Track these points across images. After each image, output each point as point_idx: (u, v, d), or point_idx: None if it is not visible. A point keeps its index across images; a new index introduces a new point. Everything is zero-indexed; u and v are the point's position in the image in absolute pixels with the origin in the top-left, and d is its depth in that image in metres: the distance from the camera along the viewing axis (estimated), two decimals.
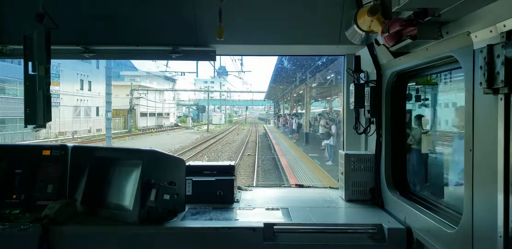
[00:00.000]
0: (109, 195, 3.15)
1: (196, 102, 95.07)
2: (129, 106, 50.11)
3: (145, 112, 59.87)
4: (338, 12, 3.49)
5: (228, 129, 62.53)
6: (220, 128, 66.90)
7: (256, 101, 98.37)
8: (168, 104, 71.99)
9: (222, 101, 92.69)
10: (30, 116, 3.01)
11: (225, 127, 68.50)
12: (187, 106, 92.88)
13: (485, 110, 1.94)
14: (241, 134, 47.86)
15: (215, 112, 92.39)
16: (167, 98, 72.03)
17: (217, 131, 53.73)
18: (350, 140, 4.13)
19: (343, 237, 2.90)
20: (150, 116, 62.95)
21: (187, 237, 2.89)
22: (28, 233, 2.79)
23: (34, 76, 3.00)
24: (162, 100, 67.58)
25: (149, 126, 59.29)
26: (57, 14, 3.11)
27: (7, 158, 3.37)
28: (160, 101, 65.02)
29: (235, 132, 51.90)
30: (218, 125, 76.75)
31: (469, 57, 2.03)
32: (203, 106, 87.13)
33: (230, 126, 77.01)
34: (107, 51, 3.77)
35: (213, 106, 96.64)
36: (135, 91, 52.85)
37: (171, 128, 63.26)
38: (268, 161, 22.93)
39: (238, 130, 60.65)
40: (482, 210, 2.00)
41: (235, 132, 52.86)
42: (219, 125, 75.99)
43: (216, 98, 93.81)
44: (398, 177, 3.38)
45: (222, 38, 3.05)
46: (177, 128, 63.41)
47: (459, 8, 1.94)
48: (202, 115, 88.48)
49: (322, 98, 40.79)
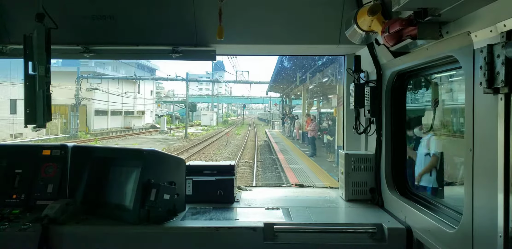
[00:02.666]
0: (109, 195, 3.15)
1: (184, 99, 78.72)
2: (75, 100, 36.41)
3: (105, 109, 44.43)
4: (338, 12, 3.49)
5: (218, 133, 46.85)
6: (208, 131, 50.69)
7: (256, 98, 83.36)
8: (144, 100, 56.25)
9: (216, 98, 77.28)
10: (30, 116, 3.02)
11: (215, 130, 53.29)
12: (166, 103, 74.74)
13: (485, 110, 1.94)
14: (231, 144, 31.75)
15: (205, 111, 75.59)
16: (145, 93, 56.52)
17: (201, 137, 38.67)
18: (350, 140, 4.13)
19: (343, 237, 2.90)
20: (113, 115, 47.49)
21: (187, 237, 2.89)
22: (28, 233, 2.79)
23: (34, 76, 3.00)
24: (134, 95, 51.18)
25: (111, 127, 45.13)
26: (57, 14, 3.11)
27: (7, 158, 3.37)
28: (126, 95, 48.44)
29: (224, 140, 34.91)
30: (209, 126, 61.68)
31: (469, 57, 2.03)
32: (193, 104, 68.02)
33: (224, 127, 62.84)
34: (107, 51, 3.77)
35: (206, 105, 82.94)
36: (84, 80, 38.06)
37: (145, 130, 48.88)
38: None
39: (231, 136, 42.21)
40: (482, 210, 2.00)
41: (223, 139, 36.03)
42: (210, 127, 60.79)
43: (216, 96, 79.58)
44: (398, 177, 3.38)
45: (222, 38, 3.05)
46: (153, 130, 48.90)
47: (459, 8, 1.94)
48: (193, 115, 73.62)
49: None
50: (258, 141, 34.59)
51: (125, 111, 51.30)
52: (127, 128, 47.83)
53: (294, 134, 33.56)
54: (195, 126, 63.84)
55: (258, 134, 45.37)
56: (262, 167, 20.06)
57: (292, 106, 45.63)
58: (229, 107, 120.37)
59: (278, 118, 56.93)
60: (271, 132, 44.01)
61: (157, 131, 47.43)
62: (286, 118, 41.19)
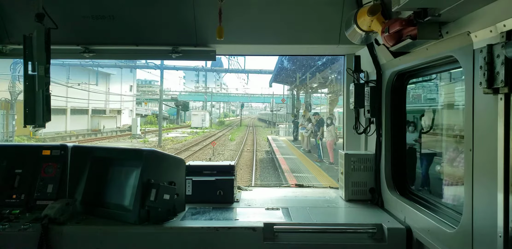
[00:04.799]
0: (109, 195, 3.15)
1: (176, 97, 65.28)
2: (10, 94, 27.38)
3: (62, 107, 35.86)
4: (338, 12, 3.49)
5: (207, 137, 36.60)
6: (196, 136, 38.93)
7: (255, 97, 72.43)
8: (121, 97, 45.85)
9: (211, 96, 66.78)
10: (30, 116, 3.01)
11: (205, 134, 42.51)
12: (149, 100, 62.76)
13: (485, 110, 1.94)
14: (219, 158, 22.91)
15: (195, 110, 64.56)
16: (121, 89, 45.96)
17: (181, 145, 29.63)
18: (350, 140, 4.13)
19: (343, 237, 2.90)
20: (76, 115, 38.89)
21: (187, 237, 2.89)
22: (28, 233, 2.79)
23: (33, 76, 3.00)
24: (107, 90, 41.15)
25: (72, 130, 36.91)
26: (57, 14, 3.11)
27: (7, 158, 3.37)
28: (96, 90, 38.89)
29: (212, 149, 25.89)
30: (200, 128, 51.09)
31: (469, 57, 2.03)
32: (185, 102, 63.48)
33: (218, 130, 52.83)
34: (107, 51, 3.77)
35: (202, 104, 72.42)
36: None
37: (117, 134, 40.34)
38: None
39: (223, 142, 32.99)
40: (482, 210, 2.00)
41: (211, 148, 26.34)
42: (201, 129, 50.31)
43: (210, 92, 68.91)
44: (398, 177, 3.38)
45: (222, 38, 3.05)
46: (124, 134, 39.90)
47: (459, 8, 1.94)
48: (185, 115, 65.34)
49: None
50: (257, 151, 25.43)
51: (94, 110, 41.99)
52: (94, 131, 38.60)
53: (321, 151, 20.32)
54: (184, 128, 54.70)
55: (258, 139, 35.51)
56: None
57: (308, 104, 30.19)
58: (228, 107, 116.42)
59: (283, 120, 45.79)
60: (276, 141, 29.91)
61: (130, 134, 37.80)
62: (303, 121, 26.56)
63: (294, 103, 33.04)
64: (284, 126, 40.33)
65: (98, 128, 40.98)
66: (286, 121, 40.34)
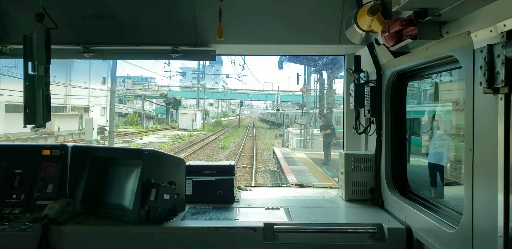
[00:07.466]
0: (109, 195, 3.15)
1: (166, 94, 57.86)
2: None
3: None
4: (338, 12, 3.49)
5: (193, 143, 29.01)
6: (178, 142, 30.99)
7: (256, 94, 64.69)
8: (90, 91, 36.64)
9: (206, 93, 57.94)
10: (30, 116, 3.02)
11: (191, 138, 34.25)
12: (131, 97, 53.42)
13: (485, 110, 1.94)
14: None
15: (184, 109, 55.33)
16: (90, 81, 36.74)
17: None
18: (350, 140, 4.13)
19: (343, 237, 2.90)
20: (17, 112, 28.32)
21: (187, 237, 2.89)
22: (28, 233, 2.79)
23: (33, 76, 3.01)
24: (67, 81, 31.86)
25: (9, 133, 27.84)
26: (57, 14, 3.11)
27: (7, 158, 3.36)
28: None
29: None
30: (189, 130, 43.30)
31: (469, 57, 2.03)
32: (177, 100, 55.49)
33: (211, 132, 44.40)
34: (107, 51, 3.77)
35: (201, 102, 60.17)
36: None
37: (73, 138, 31.09)
38: None
39: (209, 152, 24.62)
40: (482, 209, 2.00)
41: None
42: (191, 131, 42.29)
43: (210, 91, 61.41)
44: (398, 177, 3.38)
45: (222, 38, 3.05)
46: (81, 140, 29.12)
47: (459, 8, 1.94)
48: (177, 114, 54.72)
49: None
50: (258, 171, 17.78)
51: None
52: (45, 134, 30.32)
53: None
54: (170, 130, 46.59)
55: (259, 146, 26.79)
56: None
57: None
58: (228, 106, 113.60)
59: (293, 121, 35.32)
60: (289, 158, 18.38)
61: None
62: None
63: (323, 96, 20.95)
64: (298, 131, 28.69)
65: (51, 131, 31.41)
66: (302, 125, 29.08)
